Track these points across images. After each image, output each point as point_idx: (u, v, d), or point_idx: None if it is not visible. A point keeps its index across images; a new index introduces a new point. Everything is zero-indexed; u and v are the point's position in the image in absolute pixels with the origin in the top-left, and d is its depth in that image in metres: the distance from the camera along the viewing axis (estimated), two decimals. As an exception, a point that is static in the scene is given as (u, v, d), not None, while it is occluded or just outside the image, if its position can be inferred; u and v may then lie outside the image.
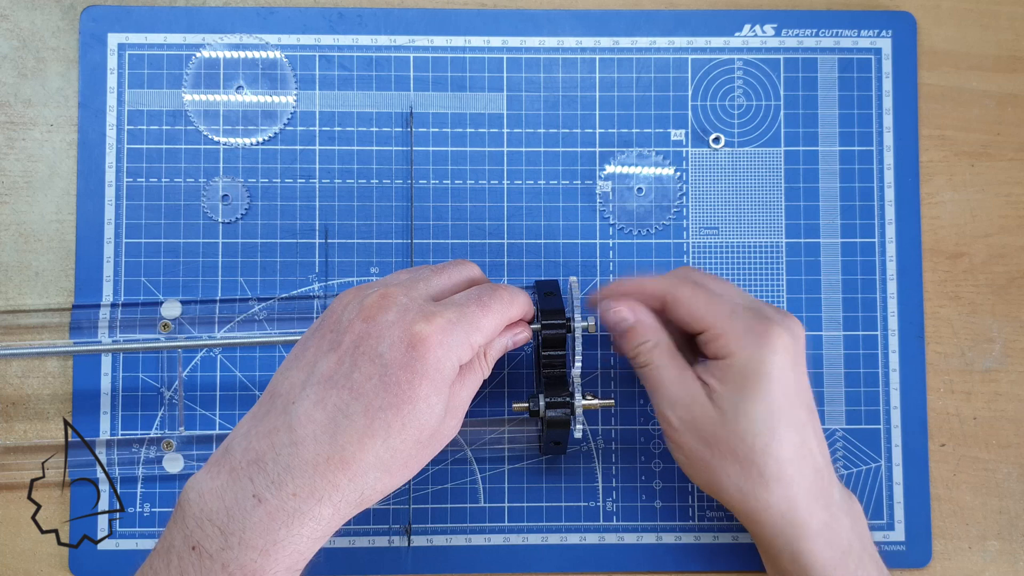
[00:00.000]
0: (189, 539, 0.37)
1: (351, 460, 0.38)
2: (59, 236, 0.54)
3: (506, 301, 0.43)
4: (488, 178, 0.54)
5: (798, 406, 0.45)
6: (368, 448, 0.38)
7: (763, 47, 0.55)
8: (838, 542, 0.45)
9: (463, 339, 0.40)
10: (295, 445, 0.38)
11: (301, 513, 0.37)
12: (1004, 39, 0.56)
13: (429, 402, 0.39)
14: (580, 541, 0.53)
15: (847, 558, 0.45)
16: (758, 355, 0.44)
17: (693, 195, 0.55)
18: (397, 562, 0.52)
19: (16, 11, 0.55)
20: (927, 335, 0.55)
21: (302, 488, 0.37)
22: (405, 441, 0.38)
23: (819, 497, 0.45)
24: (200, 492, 0.38)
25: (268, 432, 0.39)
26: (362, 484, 0.38)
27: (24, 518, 0.52)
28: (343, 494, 0.38)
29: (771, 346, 0.44)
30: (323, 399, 0.38)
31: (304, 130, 0.54)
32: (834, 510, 0.45)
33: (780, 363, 0.44)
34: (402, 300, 0.40)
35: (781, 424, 0.44)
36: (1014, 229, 0.55)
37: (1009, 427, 0.54)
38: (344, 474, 0.38)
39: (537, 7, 0.56)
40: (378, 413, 0.38)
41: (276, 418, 0.39)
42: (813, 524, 0.44)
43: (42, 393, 0.53)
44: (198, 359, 0.53)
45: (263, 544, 0.37)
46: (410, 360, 0.38)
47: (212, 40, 0.54)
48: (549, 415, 0.47)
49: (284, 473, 0.37)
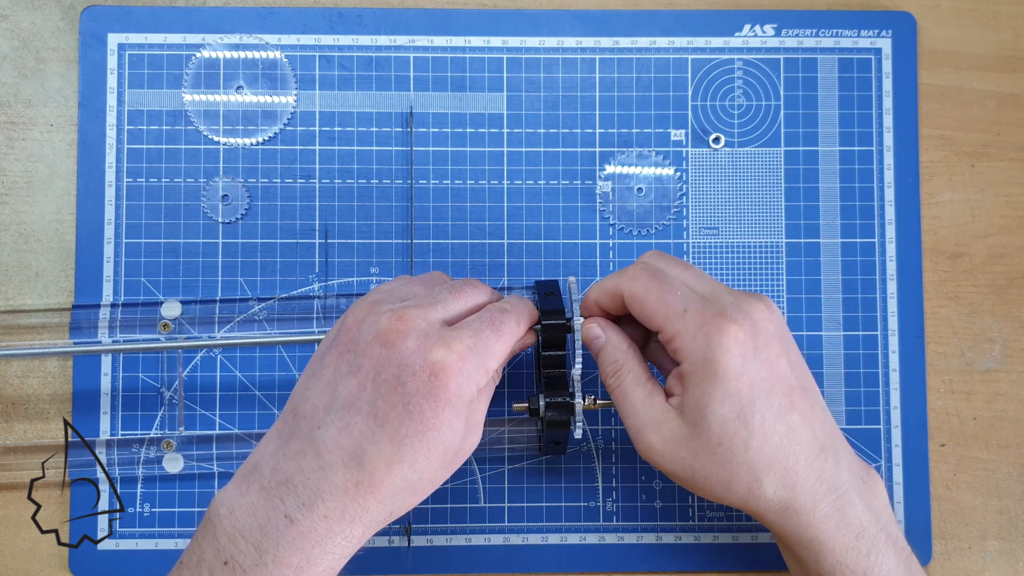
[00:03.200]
0: (221, 554, 0.38)
1: (379, 485, 0.39)
2: (59, 236, 0.54)
3: (514, 324, 0.44)
4: (488, 178, 0.54)
5: (772, 394, 0.42)
6: (396, 473, 0.39)
7: (763, 47, 0.55)
8: (849, 525, 0.43)
9: (480, 365, 0.41)
10: (323, 470, 0.39)
11: (333, 534, 0.39)
12: (1004, 39, 0.56)
13: (452, 426, 0.40)
14: (580, 541, 0.53)
15: (860, 541, 0.43)
16: (709, 355, 0.42)
17: (693, 195, 0.55)
18: (397, 562, 0.52)
19: (16, 11, 0.55)
20: (927, 335, 0.55)
21: (333, 511, 0.39)
22: (431, 463, 0.40)
23: (820, 481, 0.43)
24: (231, 508, 0.39)
25: (295, 455, 0.39)
26: (391, 505, 0.40)
27: (24, 518, 0.52)
28: (372, 515, 0.39)
29: (721, 343, 0.41)
30: (348, 426, 0.39)
31: (304, 130, 0.54)
32: (842, 491, 0.43)
33: (733, 357, 0.41)
34: (420, 325, 0.41)
35: (754, 418, 0.42)
36: (1014, 229, 0.55)
37: (1009, 427, 0.54)
38: (374, 497, 0.39)
39: (537, 7, 0.56)
40: (404, 440, 0.39)
41: (302, 442, 0.40)
42: (818, 510, 0.42)
43: (42, 393, 0.53)
44: (198, 359, 0.53)
45: (297, 562, 0.38)
46: (432, 389, 0.39)
47: (212, 40, 0.54)
48: (549, 415, 0.47)
49: (314, 497, 0.38)
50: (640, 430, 0.44)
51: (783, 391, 0.43)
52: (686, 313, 0.43)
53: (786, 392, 0.43)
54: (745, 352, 0.42)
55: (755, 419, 0.42)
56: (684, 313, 0.43)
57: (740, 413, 0.42)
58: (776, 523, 0.43)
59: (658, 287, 0.44)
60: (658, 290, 0.44)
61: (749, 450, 0.42)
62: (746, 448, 0.42)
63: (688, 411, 0.42)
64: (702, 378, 0.42)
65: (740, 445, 0.42)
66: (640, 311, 0.44)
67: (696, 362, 0.42)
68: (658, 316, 0.43)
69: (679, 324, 0.43)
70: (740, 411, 0.42)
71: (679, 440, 0.43)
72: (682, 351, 0.43)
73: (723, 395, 0.42)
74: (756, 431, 0.42)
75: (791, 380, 0.43)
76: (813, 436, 0.43)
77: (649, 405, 0.44)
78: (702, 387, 0.42)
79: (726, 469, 0.42)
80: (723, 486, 0.43)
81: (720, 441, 0.42)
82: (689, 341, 0.42)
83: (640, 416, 0.44)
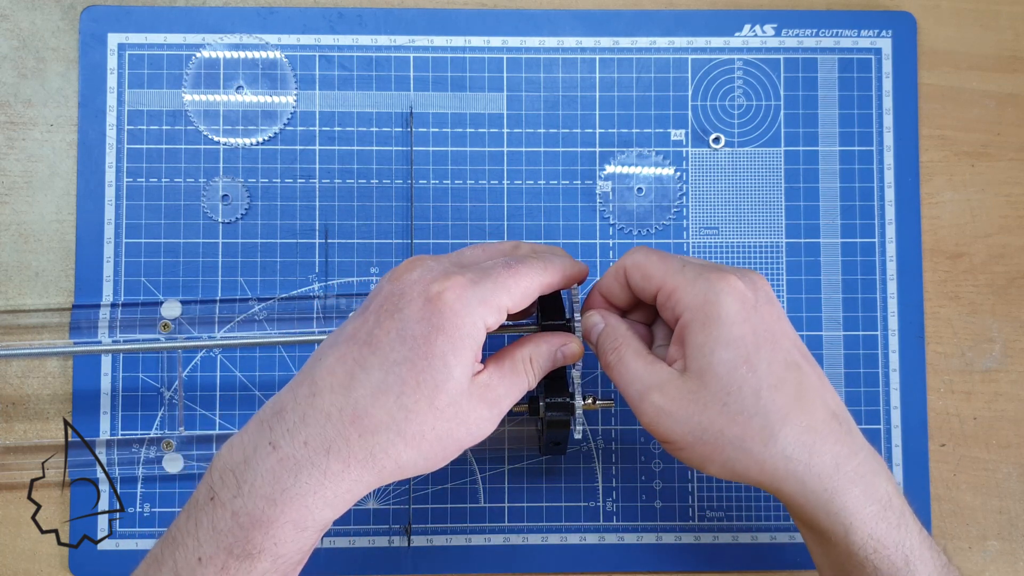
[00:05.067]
0: (210, 490, 0.38)
1: (363, 414, 0.38)
2: (59, 236, 0.54)
3: (538, 267, 0.41)
4: (488, 178, 0.54)
5: (778, 345, 0.40)
6: (381, 403, 0.38)
7: (763, 47, 0.55)
8: (876, 492, 0.40)
9: (486, 296, 0.39)
10: (313, 396, 0.38)
11: (310, 463, 0.37)
12: (1004, 39, 0.56)
13: (445, 360, 0.38)
14: (580, 541, 0.53)
15: (888, 511, 0.40)
16: (710, 298, 0.40)
17: (693, 195, 0.55)
18: (397, 562, 0.52)
19: (16, 11, 0.55)
20: (927, 335, 0.55)
21: (313, 437, 0.38)
22: (419, 402, 0.38)
23: (842, 441, 0.40)
24: (230, 444, 0.39)
25: (294, 386, 0.39)
26: (372, 442, 0.38)
27: (24, 518, 0.52)
28: (352, 450, 0.38)
29: (722, 288, 0.40)
30: (345, 354, 0.39)
31: (304, 130, 0.54)
32: (863, 457, 0.40)
33: (734, 302, 0.40)
34: (429, 263, 0.40)
35: (761, 364, 0.40)
36: (1014, 229, 0.55)
37: (1009, 427, 0.54)
38: (355, 427, 0.38)
39: (537, 7, 0.56)
40: (393, 367, 0.38)
41: (303, 374, 0.40)
42: (842, 473, 0.39)
43: (42, 393, 0.53)
44: (198, 359, 0.53)
45: (271, 492, 0.37)
46: (427, 314, 0.38)
47: (212, 40, 0.54)
48: (549, 416, 0.47)
49: (299, 422, 0.38)
50: (643, 394, 0.42)
51: (791, 344, 0.41)
52: (684, 268, 0.42)
53: (794, 345, 0.41)
54: (745, 301, 0.41)
55: (762, 366, 0.40)
56: (683, 268, 0.42)
57: (747, 358, 0.40)
58: (797, 493, 0.40)
59: (657, 254, 0.44)
60: (657, 255, 0.43)
61: (760, 399, 0.40)
62: (756, 396, 0.40)
63: (692, 361, 0.41)
64: (703, 323, 0.40)
65: (750, 393, 0.40)
66: (641, 274, 0.43)
67: (696, 307, 0.41)
68: (658, 273, 0.43)
69: (679, 278, 0.42)
70: (747, 356, 0.40)
71: (686, 396, 0.41)
72: (682, 301, 0.41)
73: (727, 338, 0.40)
74: (765, 378, 0.40)
75: (795, 338, 0.42)
76: (823, 401, 0.41)
77: (652, 370, 0.42)
78: (705, 331, 0.40)
79: (738, 423, 0.40)
80: (736, 445, 0.40)
81: (728, 389, 0.40)
82: (688, 288, 0.41)
83: (643, 379, 0.42)
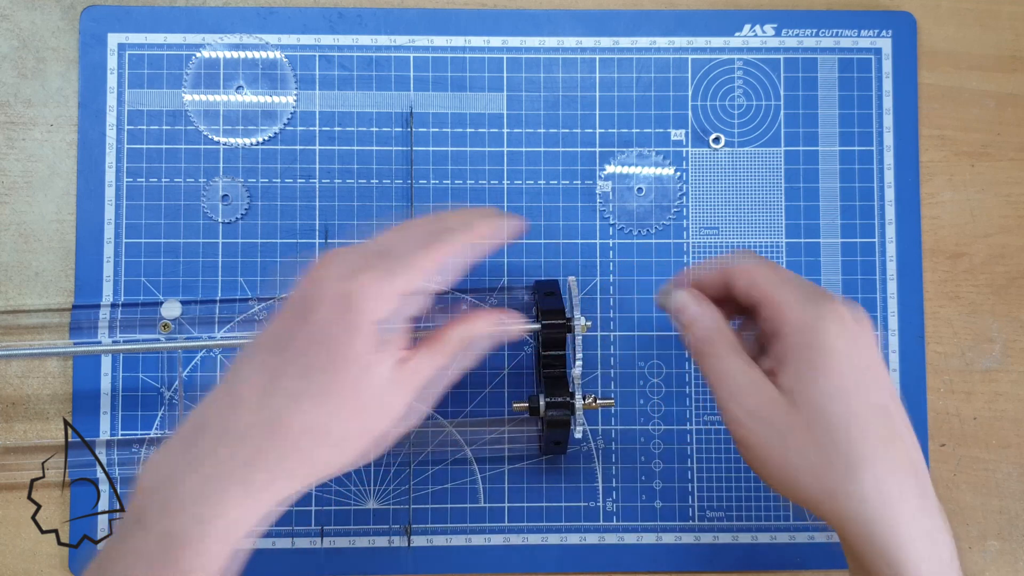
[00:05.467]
0: (136, 512, 0.36)
1: (285, 424, 0.36)
2: (59, 236, 0.54)
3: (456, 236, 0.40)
4: (488, 178, 0.54)
5: (875, 388, 0.40)
6: (303, 410, 0.37)
7: (763, 47, 0.55)
8: (940, 555, 0.39)
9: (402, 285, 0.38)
10: (233, 408, 0.37)
11: (234, 478, 0.36)
12: (1004, 39, 0.56)
13: (364, 360, 0.37)
14: (580, 541, 0.53)
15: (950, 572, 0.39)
16: (816, 324, 0.40)
17: (693, 195, 0.55)
18: (397, 562, 0.52)
19: (16, 11, 0.55)
20: (927, 335, 0.55)
21: (238, 452, 0.36)
22: (341, 405, 0.37)
23: (919, 496, 0.39)
24: (154, 464, 0.37)
25: (214, 399, 0.38)
26: (296, 451, 0.37)
27: (24, 518, 0.52)
28: (277, 460, 0.36)
29: (830, 317, 0.40)
30: (263, 364, 0.37)
31: (304, 130, 0.54)
32: (935, 516, 0.39)
33: (841, 335, 0.39)
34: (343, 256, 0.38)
35: (860, 402, 0.39)
36: (1014, 229, 0.55)
37: (1009, 427, 0.54)
38: (277, 438, 0.36)
39: (537, 7, 0.56)
40: (311, 373, 0.37)
41: (223, 387, 0.38)
42: (915, 526, 0.39)
43: (42, 393, 0.53)
44: (198, 359, 0.53)
45: (198, 511, 0.35)
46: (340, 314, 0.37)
47: (212, 40, 0.54)
48: (549, 415, 0.47)
49: (221, 436, 0.36)
50: (735, 393, 0.41)
51: (886, 386, 0.41)
52: (794, 285, 0.41)
53: (888, 388, 0.41)
54: (851, 336, 0.40)
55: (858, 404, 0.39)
56: (792, 285, 0.41)
57: (843, 392, 0.39)
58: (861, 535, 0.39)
59: (767, 264, 0.43)
60: (768, 265, 0.43)
61: (850, 435, 0.39)
62: (847, 433, 0.39)
63: (787, 379, 0.40)
64: (807, 347, 0.40)
65: (841, 429, 0.39)
66: (748, 279, 0.42)
67: (802, 330, 0.40)
68: (766, 284, 0.41)
69: (784, 291, 0.41)
70: (843, 390, 0.39)
71: (777, 408, 0.40)
72: (790, 320, 0.40)
73: (828, 368, 0.39)
74: (856, 415, 0.39)
75: (890, 382, 0.41)
76: (907, 452, 0.40)
77: (748, 369, 0.41)
78: (806, 356, 0.40)
79: (822, 452, 0.39)
80: (813, 472, 0.39)
81: (818, 419, 0.39)
82: (796, 308, 0.40)
83: (738, 379, 0.41)
